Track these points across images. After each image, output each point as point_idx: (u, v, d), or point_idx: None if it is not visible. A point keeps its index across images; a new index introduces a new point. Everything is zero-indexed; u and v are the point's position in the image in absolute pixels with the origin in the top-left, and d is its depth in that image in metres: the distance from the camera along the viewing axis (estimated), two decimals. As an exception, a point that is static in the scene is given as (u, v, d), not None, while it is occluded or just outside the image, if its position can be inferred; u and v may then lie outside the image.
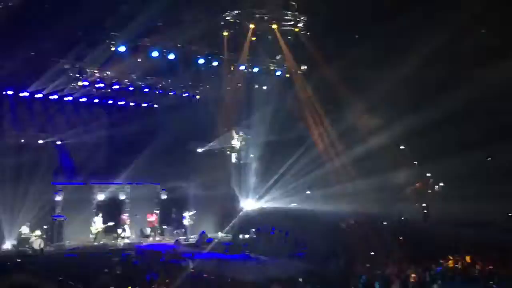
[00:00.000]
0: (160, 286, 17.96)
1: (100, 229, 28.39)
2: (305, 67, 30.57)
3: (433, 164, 31.39)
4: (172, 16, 25.08)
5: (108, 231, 28.93)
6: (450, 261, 22.66)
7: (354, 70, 29.05)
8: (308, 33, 28.16)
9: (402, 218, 31.77)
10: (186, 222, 30.90)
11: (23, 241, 25.89)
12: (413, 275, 20.08)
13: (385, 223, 30.32)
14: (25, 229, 26.09)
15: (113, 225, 28.95)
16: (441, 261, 22.57)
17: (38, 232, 26.30)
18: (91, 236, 28.42)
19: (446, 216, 30.23)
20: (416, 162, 33.33)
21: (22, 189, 25.82)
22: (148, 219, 30.50)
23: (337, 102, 31.12)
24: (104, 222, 28.52)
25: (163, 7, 23.61)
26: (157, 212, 30.84)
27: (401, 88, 28.03)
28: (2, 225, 25.14)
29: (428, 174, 33.96)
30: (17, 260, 22.65)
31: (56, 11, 22.66)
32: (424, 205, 33.20)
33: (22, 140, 28.23)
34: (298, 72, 30.79)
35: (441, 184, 34.10)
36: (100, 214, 28.60)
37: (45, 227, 27.01)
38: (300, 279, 19.61)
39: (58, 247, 26.82)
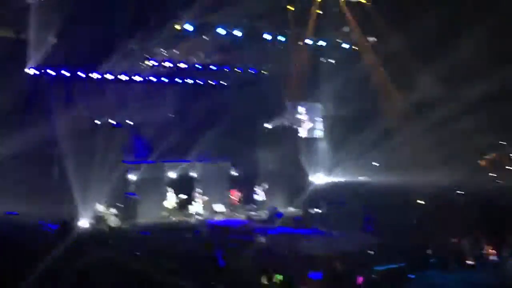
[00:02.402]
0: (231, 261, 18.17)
1: (174, 205, 28.90)
2: (373, 39, 30.13)
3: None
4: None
5: (180, 207, 29.40)
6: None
7: (423, 40, 28.41)
8: (375, 4, 27.73)
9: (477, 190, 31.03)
10: (257, 197, 31.10)
11: (99, 219, 26.61)
12: (490, 250, 19.72)
13: (459, 192, 29.71)
14: (100, 207, 26.79)
15: (185, 201, 29.41)
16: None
17: (113, 210, 26.99)
18: (163, 213, 28.97)
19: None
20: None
21: (96, 169, 26.41)
22: (232, 196, 30.84)
23: (407, 73, 30.49)
24: (177, 198, 29.03)
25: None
26: (240, 190, 31.10)
27: (473, 56, 27.23)
28: (78, 203, 25.79)
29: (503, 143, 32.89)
30: (94, 236, 23.28)
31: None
32: (494, 175, 32.31)
33: (95, 120, 28.87)
34: (366, 44, 30.34)
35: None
36: (172, 190, 29.07)
37: (119, 205, 27.66)
38: (372, 252, 19.55)
39: (132, 225, 27.41)
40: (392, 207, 27.60)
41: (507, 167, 32.61)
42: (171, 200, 28.94)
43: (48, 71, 26.75)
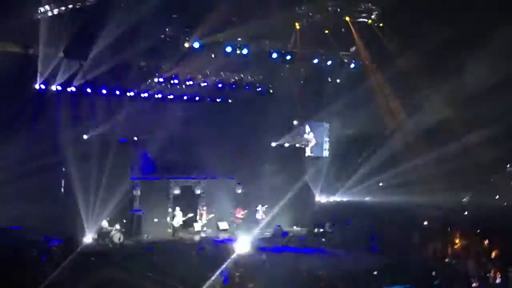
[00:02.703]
0: (234, 279, 18.12)
1: (181, 222, 28.90)
2: (380, 59, 30.16)
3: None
4: (245, 11, 25.14)
5: (186, 225, 29.41)
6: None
7: (429, 61, 28.43)
8: (382, 24, 27.78)
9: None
10: (259, 216, 31.02)
11: (103, 234, 26.63)
12: (497, 273, 19.61)
13: (466, 213, 29.63)
14: (105, 223, 26.81)
15: (190, 218, 29.42)
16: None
17: (117, 226, 27.01)
18: (168, 230, 28.98)
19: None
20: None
21: (102, 185, 26.46)
22: (236, 215, 30.79)
23: (414, 94, 30.51)
24: (184, 215, 29.04)
25: (236, 2, 23.75)
26: (244, 209, 31.04)
27: (480, 77, 27.21)
28: (83, 219, 25.81)
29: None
30: (98, 253, 23.26)
31: (132, 9, 23.16)
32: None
33: (102, 137, 28.93)
34: (372, 64, 30.37)
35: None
36: (178, 208, 29.07)
37: (124, 221, 27.68)
38: (375, 272, 19.49)
39: (136, 241, 27.40)
40: (397, 227, 27.58)
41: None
42: (178, 218, 28.93)
43: (56, 87, 26.84)
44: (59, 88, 27.00)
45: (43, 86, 26.38)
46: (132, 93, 29.46)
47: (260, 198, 31.59)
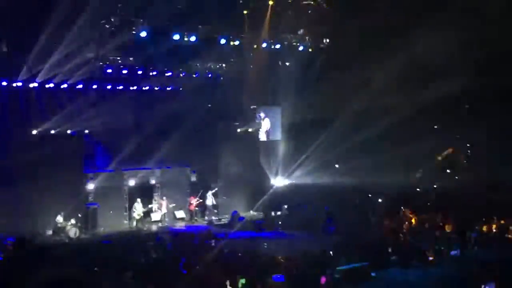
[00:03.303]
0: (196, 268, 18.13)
1: (141, 214, 28.71)
2: (327, 40, 30.35)
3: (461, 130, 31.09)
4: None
5: (144, 215, 29.26)
6: (484, 226, 22.56)
7: (375, 40, 28.71)
8: (328, 6, 27.94)
9: (434, 186, 31.49)
10: (209, 202, 30.97)
11: (58, 230, 26.30)
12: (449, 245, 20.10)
13: (418, 189, 30.17)
14: (59, 219, 26.46)
15: (150, 209, 29.30)
16: (476, 227, 22.48)
17: (73, 221, 26.69)
18: (125, 222, 28.79)
19: (477, 182, 29.88)
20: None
21: (55, 180, 26.10)
22: (191, 202, 30.68)
23: (361, 74, 30.74)
24: (144, 206, 28.89)
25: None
26: (198, 196, 30.93)
27: (425, 57, 27.62)
28: (37, 215, 25.46)
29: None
30: (54, 248, 22.98)
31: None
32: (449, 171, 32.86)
33: (52, 131, 28.53)
34: (321, 45, 30.54)
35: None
36: (139, 200, 28.85)
37: (79, 215, 27.36)
38: (331, 252, 19.71)
39: (93, 235, 27.14)
40: (352, 207, 27.93)
41: (462, 162, 33.17)
42: (138, 210, 28.70)
43: (1, 82, 26.33)
44: (4, 83, 26.48)
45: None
46: (80, 86, 29.07)
47: (215, 184, 31.57)
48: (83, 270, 17.44)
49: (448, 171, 33.00)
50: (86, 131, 29.93)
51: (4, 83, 26.50)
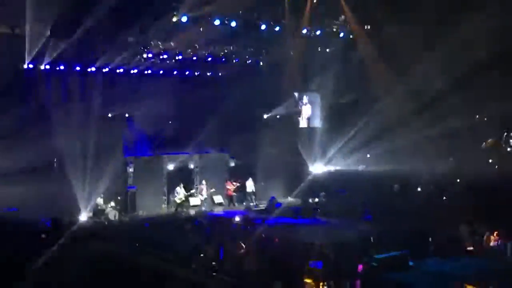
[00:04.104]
0: (232, 252, 18.24)
1: (183, 198, 28.94)
2: (369, 27, 30.00)
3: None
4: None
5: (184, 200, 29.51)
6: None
7: (421, 28, 28.27)
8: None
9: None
10: (249, 189, 31.07)
11: (98, 212, 26.71)
12: (489, 236, 19.74)
13: (458, 180, 29.72)
14: (100, 201, 26.86)
15: (191, 193, 29.53)
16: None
17: (112, 203, 27.08)
18: (163, 206, 29.08)
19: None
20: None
21: (95, 162, 26.46)
22: (228, 187, 30.84)
23: (406, 62, 30.33)
24: (186, 191, 29.13)
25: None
26: (237, 181, 31.08)
27: (473, 45, 27.08)
28: (78, 197, 25.84)
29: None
30: (94, 230, 23.36)
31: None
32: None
33: (93, 114, 28.86)
34: (362, 32, 30.22)
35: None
36: (182, 184, 29.06)
37: (119, 198, 27.74)
38: (371, 239, 19.61)
39: (132, 217, 27.48)
40: (391, 195, 27.72)
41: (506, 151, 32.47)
42: (180, 194, 28.92)
43: (45, 66, 26.69)
44: (48, 67, 26.86)
45: (31, 66, 26.22)
46: (121, 70, 29.34)
47: (253, 170, 31.65)
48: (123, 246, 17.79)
49: (490, 161, 32.35)
50: (126, 115, 30.19)
51: (48, 67, 26.85)
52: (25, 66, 26.06)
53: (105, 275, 15.47)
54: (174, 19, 25.60)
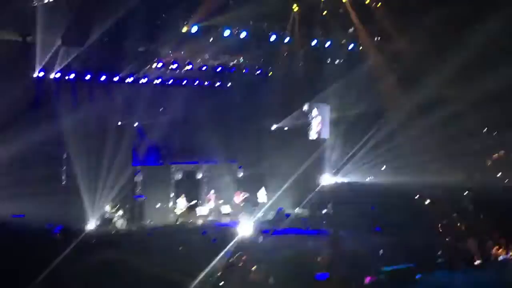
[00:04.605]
0: (238, 262, 18.18)
1: (184, 210, 28.96)
2: (379, 39, 30.02)
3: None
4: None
5: (189, 210, 29.51)
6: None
7: (429, 41, 28.28)
8: (380, 4, 27.63)
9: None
10: (260, 200, 31.07)
11: (106, 221, 26.72)
12: (498, 250, 19.63)
13: (467, 192, 29.59)
14: (108, 209, 26.89)
15: (194, 204, 29.52)
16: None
17: (120, 212, 27.10)
18: (171, 216, 29.05)
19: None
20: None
21: (104, 171, 26.53)
22: (236, 198, 30.84)
23: (413, 74, 30.32)
24: (188, 201, 29.11)
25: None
26: (244, 192, 31.07)
27: (478, 55, 27.03)
28: (85, 205, 25.87)
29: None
30: (102, 238, 23.36)
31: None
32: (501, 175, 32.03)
33: (102, 123, 28.94)
34: (371, 44, 30.24)
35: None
36: (183, 195, 29.10)
37: (127, 207, 27.76)
38: (381, 251, 19.50)
39: (139, 227, 27.48)
40: (399, 207, 27.58)
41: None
42: (181, 204, 28.96)
43: (55, 74, 26.79)
44: (58, 75, 26.94)
45: (41, 74, 26.30)
46: (131, 79, 29.42)
47: (261, 181, 31.64)
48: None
49: (499, 174, 32.22)
50: (136, 124, 30.26)
51: (58, 75, 26.94)
52: (36, 75, 26.13)
53: (111, 283, 15.48)
54: (184, 29, 25.72)
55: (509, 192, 29.07)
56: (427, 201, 28.89)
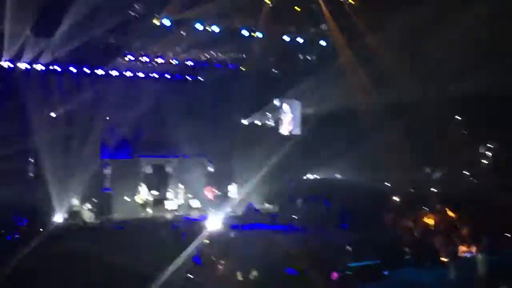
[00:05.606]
0: (206, 256, 18.18)
1: (145, 199, 28.85)
2: (350, 36, 30.11)
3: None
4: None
5: (156, 203, 29.39)
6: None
7: (402, 38, 28.43)
8: (352, 1, 27.72)
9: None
10: (231, 194, 31.07)
11: (74, 214, 26.48)
12: (463, 247, 19.93)
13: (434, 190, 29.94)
14: (75, 202, 26.66)
15: (161, 196, 29.41)
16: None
17: (88, 205, 26.88)
18: (140, 209, 28.93)
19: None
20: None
21: (72, 163, 26.33)
22: (207, 193, 30.78)
23: (384, 72, 30.49)
24: (152, 193, 29.00)
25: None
26: (215, 189, 31.05)
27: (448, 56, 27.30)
28: (53, 198, 25.62)
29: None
30: (69, 231, 23.20)
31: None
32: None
33: (71, 115, 28.69)
34: (343, 41, 30.32)
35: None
36: (143, 184, 29.02)
37: (94, 200, 27.54)
38: (347, 249, 19.62)
39: (107, 220, 27.29)
40: (368, 204, 27.75)
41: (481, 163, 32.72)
42: (142, 195, 28.87)
43: (23, 64, 26.46)
44: (26, 66, 26.62)
45: (10, 64, 25.98)
46: (101, 71, 29.16)
47: (231, 176, 31.62)
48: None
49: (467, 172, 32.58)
50: (105, 117, 30.01)
51: (26, 66, 26.63)
52: (3, 65, 25.78)
53: (80, 275, 15.42)
54: (156, 22, 25.55)
55: (475, 189, 29.51)
56: (395, 198, 29.11)
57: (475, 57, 27.08)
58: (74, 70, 28.21)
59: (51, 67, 27.52)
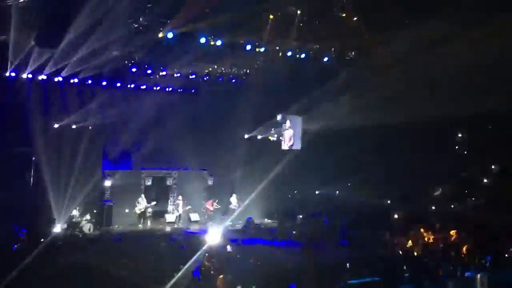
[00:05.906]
0: (206, 270, 18.12)
1: (143, 209, 28.82)
2: (353, 52, 30.17)
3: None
4: (219, 1, 25.02)
5: (154, 215, 29.37)
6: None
7: (405, 55, 28.48)
8: (356, 18, 27.76)
9: (452, 206, 31.20)
10: (232, 206, 31.06)
11: (73, 224, 26.46)
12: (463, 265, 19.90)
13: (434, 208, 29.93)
14: (75, 213, 26.65)
15: (161, 210, 29.38)
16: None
17: (88, 216, 26.85)
18: (136, 218, 28.92)
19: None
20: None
21: (72, 174, 26.32)
22: (207, 206, 30.79)
23: (388, 88, 30.51)
24: (148, 203, 28.99)
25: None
26: (216, 200, 31.02)
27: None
28: (53, 209, 25.60)
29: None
30: (68, 242, 23.13)
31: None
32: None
33: (73, 126, 28.76)
34: (346, 57, 30.38)
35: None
36: (143, 195, 29.01)
37: (94, 211, 27.53)
38: (347, 265, 19.58)
39: (107, 231, 27.25)
40: (368, 221, 27.72)
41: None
42: (142, 207, 28.84)
43: (27, 75, 26.54)
44: (30, 76, 26.70)
45: (13, 74, 26.06)
46: (104, 83, 29.25)
47: (232, 190, 31.62)
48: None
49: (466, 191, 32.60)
50: (107, 128, 30.07)
51: (30, 76, 26.70)
52: (7, 74, 25.86)
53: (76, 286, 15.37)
54: (160, 35, 25.63)
55: (475, 208, 29.50)
56: (395, 215, 29.08)
57: (476, 78, 27.20)
58: (77, 81, 28.22)
59: (54, 78, 27.55)
